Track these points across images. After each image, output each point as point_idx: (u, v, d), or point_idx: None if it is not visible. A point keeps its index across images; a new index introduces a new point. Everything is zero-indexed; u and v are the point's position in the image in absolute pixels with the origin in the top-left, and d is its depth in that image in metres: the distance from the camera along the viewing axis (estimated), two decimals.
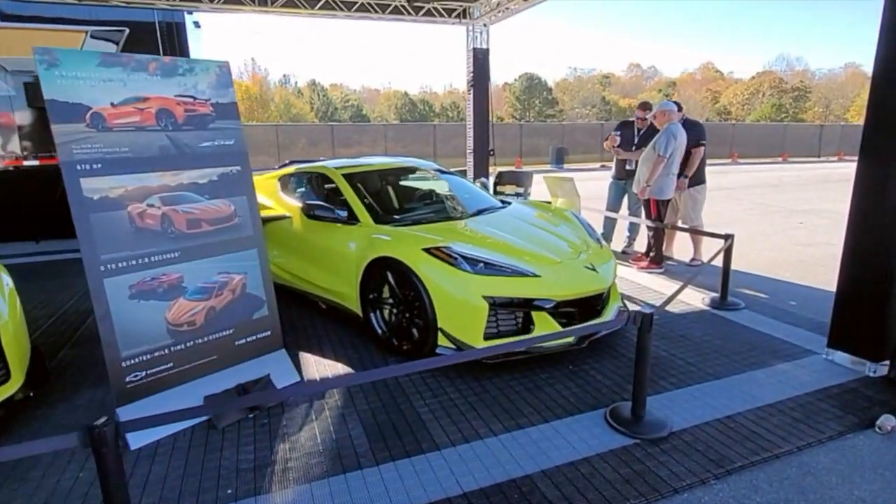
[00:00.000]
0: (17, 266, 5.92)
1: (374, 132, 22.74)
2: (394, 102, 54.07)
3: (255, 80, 53.05)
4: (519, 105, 54.65)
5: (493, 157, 8.38)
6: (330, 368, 3.27)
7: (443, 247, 3.19)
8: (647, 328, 2.47)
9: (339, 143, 21.02)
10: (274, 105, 49.67)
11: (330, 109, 51.77)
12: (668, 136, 4.87)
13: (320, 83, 54.61)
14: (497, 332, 3.10)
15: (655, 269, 5.28)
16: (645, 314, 2.46)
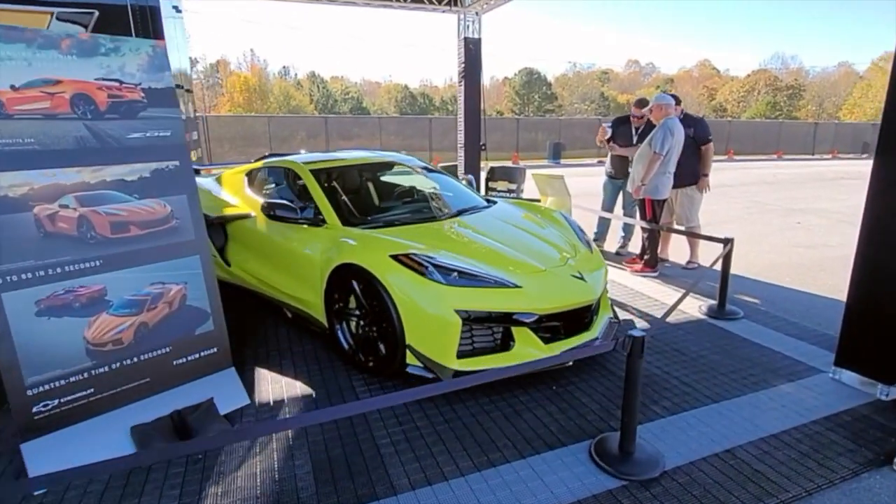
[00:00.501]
0: None
1: (371, 125, 22.19)
2: (394, 95, 53.66)
3: (255, 71, 52.42)
4: (518, 99, 54.23)
5: (485, 152, 8.01)
6: (287, 389, 2.92)
7: (412, 254, 2.84)
8: (638, 354, 2.13)
9: (336, 136, 20.54)
10: (273, 97, 49.11)
11: (330, 102, 51.21)
12: (665, 132, 4.52)
13: (320, 75, 54.09)
14: (472, 349, 2.76)
15: (650, 273, 4.95)
16: (636, 338, 2.12)
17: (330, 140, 20.13)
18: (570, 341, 2.94)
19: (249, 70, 51.68)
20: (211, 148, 17.27)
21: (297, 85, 53.24)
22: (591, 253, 3.52)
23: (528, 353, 2.80)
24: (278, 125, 20.04)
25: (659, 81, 56.39)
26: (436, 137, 21.82)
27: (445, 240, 3.27)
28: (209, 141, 16.91)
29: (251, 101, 46.49)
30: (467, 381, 2.17)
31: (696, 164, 5.07)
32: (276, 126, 19.83)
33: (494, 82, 57.11)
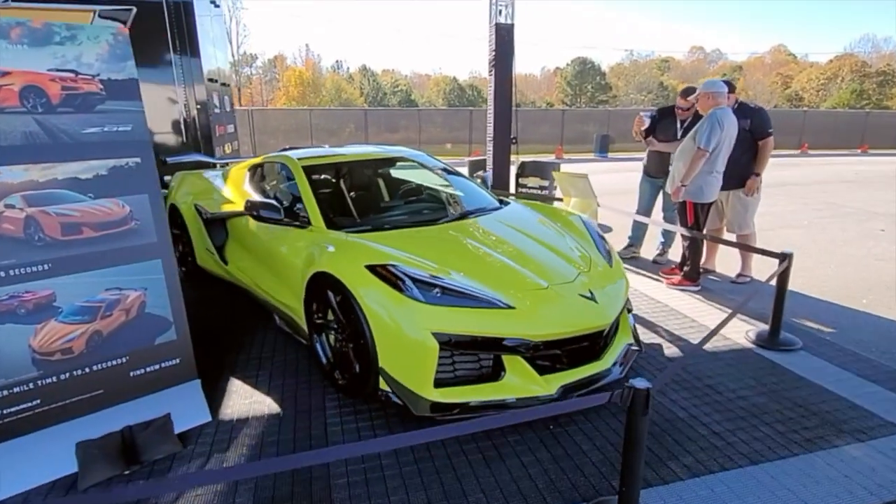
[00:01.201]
0: None
1: (412, 117, 21.99)
2: (442, 88, 53.66)
3: (309, 66, 53.83)
4: (570, 90, 52.64)
5: (516, 146, 7.53)
6: (255, 405, 2.68)
7: (389, 265, 2.51)
8: (641, 411, 1.70)
9: (384, 128, 20.49)
10: (325, 90, 50.19)
11: (379, 94, 51.73)
12: (713, 125, 3.93)
13: (370, 69, 54.75)
14: (453, 377, 2.41)
15: (690, 287, 4.38)
16: (637, 391, 1.69)
17: (373, 132, 20.11)
18: (574, 373, 2.53)
19: (304, 65, 52.99)
20: (264, 140, 17.63)
21: (349, 78, 54.08)
22: (611, 267, 3.06)
23: (519, 386, 2.41)
24: (326, 118, 20.20)
25: (725, 69, 52.96)
26: (478, 129, 21.33)
27: (437, 248, 2.92)
28: (254, 133, 17.27)
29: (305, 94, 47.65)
30: (444, 431, 1.81)
31: (751, 162, 4.43)
32: (325, 118, 20.00)
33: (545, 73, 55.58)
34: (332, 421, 2.54)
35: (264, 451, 2.32)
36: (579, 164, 17.58)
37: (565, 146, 21.37)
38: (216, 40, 8.56)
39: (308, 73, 50.83)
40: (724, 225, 4.78)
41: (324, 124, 19.71)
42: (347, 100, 47.81)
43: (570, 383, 2.48)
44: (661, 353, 3.25)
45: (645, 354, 3.20)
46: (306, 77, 49.49)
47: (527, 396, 2.40)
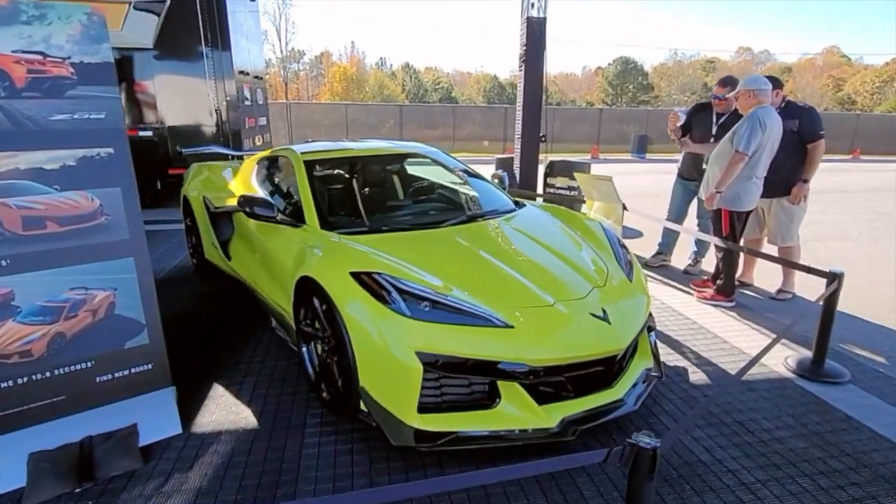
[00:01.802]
0: None
1: (445, 113, 21.70)
2: (483, 85, 53.38)
3: (353, 62, 54.46)
4: (611, 90, 51.42)
5: (546, 144, 7.18)
6: (232, 417, 2.48)
7: (375, 273, 2.27)
8: (646, 475, 1.39)
9: (422, 125, 20.31)
10: (368, 86, 50.62)
11: (420, 91, 51.79)
12: (753, 125, 3.52)
13: (413, 66, 54.92)
14: (441, 403, 2.14)
15: (723, 303, 3.98)
16: (641, 450, 1.38)
17: (411, 129, 19.95)
18: (580, 403, 2.23)
19: (349, 61, 53.59)
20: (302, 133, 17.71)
21: (392, 75, 54.39)
22: (631, 282, 2.73)
23: (515, 416, 2.13)
24: (367, 113, 19.98)
25: (774, 71, 50.42)
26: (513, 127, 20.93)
27: (436, 254, 2.66)
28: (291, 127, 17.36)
29: (348, 90, 48.15)
30: (426, 487, 1.53)
31: (798, 167, 3.99)
32: (366, 114, 19.81)
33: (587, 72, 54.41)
34: (310, 441, 2.32)
35: (229, 472, 2.12)
36: (615, 164, 16.96)
37: (603, 146, 20.73)
38: (250, 34, 8.53)
39: (352, 69, 51.40)
40: (764, 235, 4.34)
41: (364, 119, 19.65)
42: (389, 96, 48.06)
43: (574, 416, 2.18)
44: (685, 380, 2.90)
45: (667, 380, 2.86)
46: (350, 73, 50.06)
47: (523, 429, 2.12)
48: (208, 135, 7.18)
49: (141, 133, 7.01)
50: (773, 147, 3.66)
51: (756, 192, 3.74)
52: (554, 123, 21.40)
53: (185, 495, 2.00)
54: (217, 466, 2.15)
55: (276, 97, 38.81)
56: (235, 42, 7.36)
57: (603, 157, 19.00)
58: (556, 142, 22.19)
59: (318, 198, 3.02)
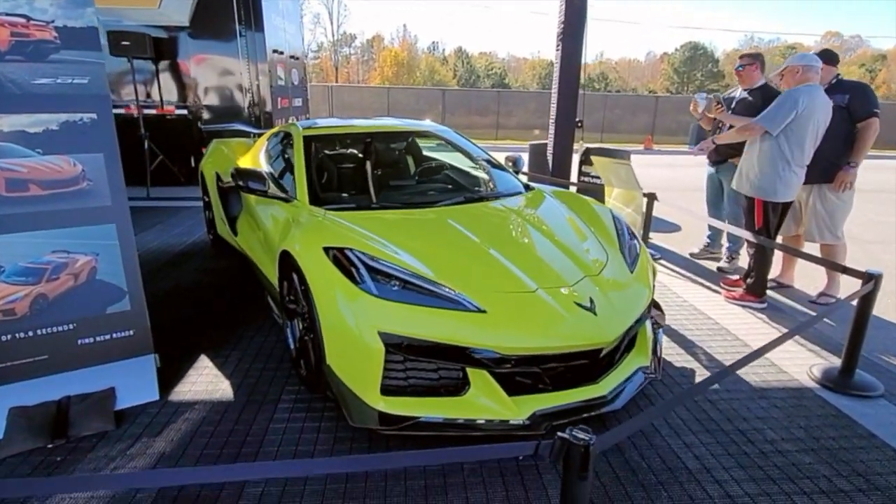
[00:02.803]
0: None
1: (490, 98, 21.20)
2: (538, 71, 52.28)
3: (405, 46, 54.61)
4: (677, 78, 49.01)
5: (581, 130, 6.86)
6: (210, 388, 2.49)
7: (347, 249, 2.19)
8: (576, 472, 1.24)
9: (472, 110, 20.05)
10: (419, 71, 50.73)
11: (472, 77, 51.34)
12: (782, 102, 3.21)
13: (466, 51, 54.52)
14: (406, 386, 2.05)
15: (753, 304, 3.64)
16: (572, 444, 1.23)
17: (461, 114, 19.75)
18: (555, 398, 2.07)
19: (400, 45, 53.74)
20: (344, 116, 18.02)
21: (444, 60, 54.18)
22: (631, 272, 2.52)
23: (483, 406, 2.01)
24: (416, 98, 19.88)
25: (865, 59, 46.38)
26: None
27: (422, 234, 2.55)
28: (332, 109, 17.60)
29: (399, 74, 48.38)
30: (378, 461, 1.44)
31: (844, 150, 3.57)
32: (415, 99, 19.71)
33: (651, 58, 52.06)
34: (280, 416, 2.29)
35: (194, 441, 2.12)
36: (668, 156, 16.18)
37: (661, 137, 19.74)
38: (286, 12, 8.60)
39: (403, 53, 51.56)
40: (799, 231, 3.93)
41: (413, 105, 19.59)
42: (441, 81, 47.92)
43: (548, 410, 2.03)
44: (689, 381, 2.66)
45: (668, 381, 2.64)
46: (401, 57, 50.24)
47: (490, 419, 1.99)
48: (240, 114, 7.33)
49: (177, 111, 7.24)
50: (818, 132, 3.28)
51: (795, 182, 3.38)
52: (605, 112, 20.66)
53: (147, 458, 2.01)
54: (184, 434, 2.16)
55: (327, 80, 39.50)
56: (269, 20, 7.42)
57: (658, 147, 18.13)
58: (611, 131, 21.45)
59: (311, 173, 2.97)
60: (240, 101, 7.40)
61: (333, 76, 44.57)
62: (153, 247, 4.76)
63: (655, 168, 12.35)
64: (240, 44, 7.16)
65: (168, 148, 7.26)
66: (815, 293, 3.93)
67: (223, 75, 7.31)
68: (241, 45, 7.16)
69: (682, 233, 6.10)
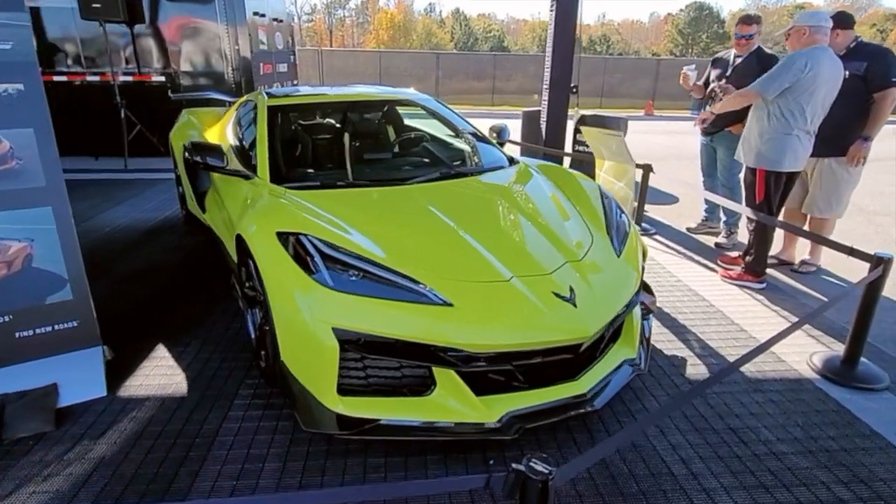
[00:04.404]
0: None
1: (485, 62, 20.45)
2: (538, 34, 50.83)
3: (400, 9, 52.96)
4: (682, 40, 47.57)
5: (577, 96, 6.52)
6: (164, 384, 2.32)
7: (301, 234, 1.98)
8: None
9: (470, 76, 19.45)
10: (416, 34, 49.33)
11: (470, 40, 49.91)
12: (782, 66, 2.97)
13: (464, 13, 52.91)
14: (366, 386, 1.87)
15: (751, 284, 3.45)
16: (530, 480, 1.05)
17: (459, 79, 19.14)
18: (531, 397, 1.90)
19: (396, 7, 52.13)
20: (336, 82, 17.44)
21: (441, 23, 52.64)
22: (618, 256, 2.32)
23: (450, 408, 1.84)
24: (413, 62, 19.17)
25: (877, 19, 44.83)
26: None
27: (389, 215, 2.34)
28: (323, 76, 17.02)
29: (395, 37, 47.00)
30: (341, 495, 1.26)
31: (858, 122, 3.31)
32: (413, 63, 19.00)
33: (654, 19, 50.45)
34: (234, 415, 2.13)
35: (139, 443, 1.96)
36: (668, 122, 15.74)
37: (663, 101, 19.15)
38: None
39: (399, 15, 50.06)
40: (802, 205, 3.69)
41: (409, 69, 18.93)
42: (437, 44, 46.65)
43: (522, 411, 1.86)
44: (679, 372, 2.49)
45: (658, 372, 2.47)
46: (397, 20, 48.79)
47: (458, 422, 1.83)
48: (221, 81, 6.99)
49: (154, 78, 6.90)
50: (827, 97, 3.02)
51: (801, 150, 3.13)
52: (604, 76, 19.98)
53: (84, 464, 1.86)
54: (129, 435, 2.00)
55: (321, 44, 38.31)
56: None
57: (659, 113, 17.63)
58: (611, 96, 20.81)
59: (274, 148, 2.73)
60: (220, 67, 7.04)
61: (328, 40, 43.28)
62: (122, 223, 4.55)
63: (654, 135, 11.98)
64: (217, 6, 6.76)
65: (147, 117, 6.95)
66: (809, 266, 3.74)
67: (201, 40, 6.93)
68: (218, 7, 6.76)
69: (681, 205, 5.87)
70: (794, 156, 3.12)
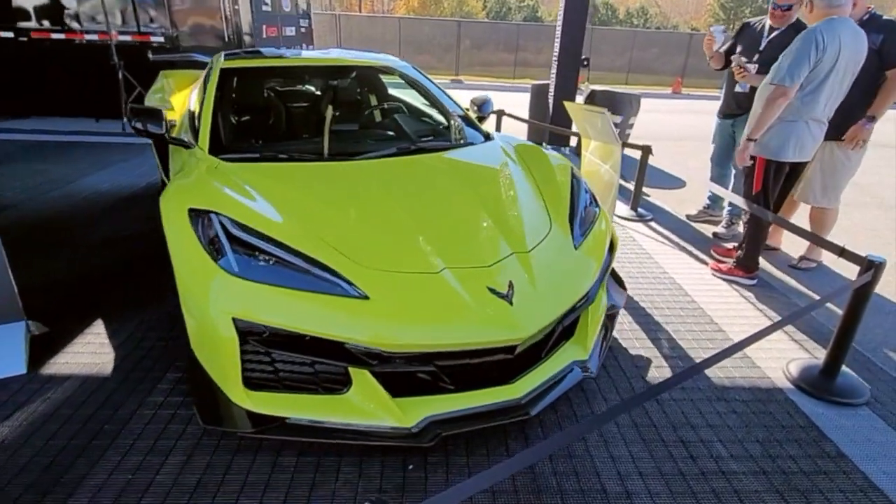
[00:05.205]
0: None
1: (507, 32, 19.68)
2: None
3: None
4: (723, 14, 45.18)
5: (588, 69, 6.18)
6: (88, 362, 2.22)
7: (212, 213, 1.82)
8: None
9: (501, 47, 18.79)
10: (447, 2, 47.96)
11: (503, 9, 48.32)
12: (802, 46, 2.60)
13: None
14: (276, 380, 1.74)
15: (742, 279, 3.19)
16: None
17: (489, 50, 18.49)
18: (456, 401, 1.75)
19: None
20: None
21: None
22: (576, 248, 2.11)
23: (364, 409, 1.70)
24: (442, 30, 18.52)
25: None
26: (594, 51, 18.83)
27: (324, 193, 2.16)
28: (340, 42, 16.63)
29: (426, 4, 45.77)
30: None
31: (863, 101, 2.98)
32: (441, 31, 18.37)
33: None
34: (153, 400, 2.02)
35: (45, 426, 1.87)
36: (696, 101, 15.06)
37: (696, 79, 18.26)
38: None
39: None
40: (794, 194, 3.37)
41: (440, 38, 18.28)
42: (469, 12, 45.31)
43: (443, 416, 1.71)
44: (641, 374, 2.30)
45: (616, 374, 2.29)
46: None
47: (371, 425, 1.68)
48: (219, 42, 6.80)
49: (153, 39, 6.75)
50: (846, 78, 2.69)
51: (809, 139, 2.82)
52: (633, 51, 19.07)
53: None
54: (37, 417, 1.92)
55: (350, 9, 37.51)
56: None
57: (687, 92, 16.87)
58: (640, 72, 19.89)
59: (219, 115, 2.56)
60: (220, 28, 6.84)
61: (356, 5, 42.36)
62: (104, 189, 4.48)
63: (677, 114, 11.43)
64: None
65: (146, 78, 6.83)
66: (796, 257, 3.47)
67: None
68: None
69: (686, 190, 5.54)
70: (800, 146, 2.82)
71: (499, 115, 5.60)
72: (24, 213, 4.00)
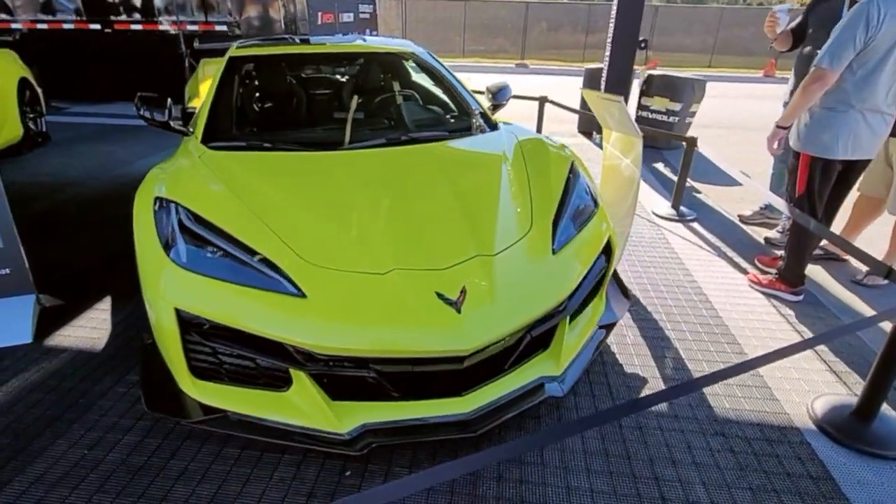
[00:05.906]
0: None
1: (590, 13, 18.66)
2: None
3: None
4: None
5: (646, 51, 5.70)
6: (88, 337, 2.35)
7: (172, 202, 1.83)
8: None
9: (578, 28, 18.06)
10: None
11: None
12: (850, 22, 2.19)
13: None
14: (221, 372, 1.73)
15: (784, 295, 2.80)
16: None
17: (566, 32, 17.83)
18: (396, 410, 1.66)
19: None
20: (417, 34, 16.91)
21: None
22: (553, 253, 1.92)
23: (301, 410, 1.65)
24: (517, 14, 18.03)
25: None
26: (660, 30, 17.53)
27: (294, 185, 2.11)
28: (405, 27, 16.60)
29: None
30: None
31: None
32: (515, 15, 17.88)
33: None
34: (130, 378, 2.10)
35: (32, 394, 2.00)
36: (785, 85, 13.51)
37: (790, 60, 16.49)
38: None
39: None
40: (886, 205, 2.90)
41: (509, 20, 17.81)
42: None
43: (380, 425, 1.62)
44: (632, 395, 2.07)
45: (601, 392, 2.08)
46: None
47: (306, 427, 1.64)
48: (277, 29, 6.99)
49: (217, 27, 7.06)
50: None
51: (866, 133, 2.39)
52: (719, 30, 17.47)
53: None
54: (28, 384, 2.06)
55: None
56: None
57: (782, 75, 15.23)
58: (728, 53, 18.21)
59: (222, 103, 2.60)
60: (275, 15, 7.04)
61: None
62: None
63: (761, 100, 10.36)
64: None
65: None
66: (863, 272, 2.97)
67: None
68: None
69: (745, 188, 4.97)
70: (855, 140, 2.39)
71: (541, 102, 5.32)
72: (83, 189, 4.34)
